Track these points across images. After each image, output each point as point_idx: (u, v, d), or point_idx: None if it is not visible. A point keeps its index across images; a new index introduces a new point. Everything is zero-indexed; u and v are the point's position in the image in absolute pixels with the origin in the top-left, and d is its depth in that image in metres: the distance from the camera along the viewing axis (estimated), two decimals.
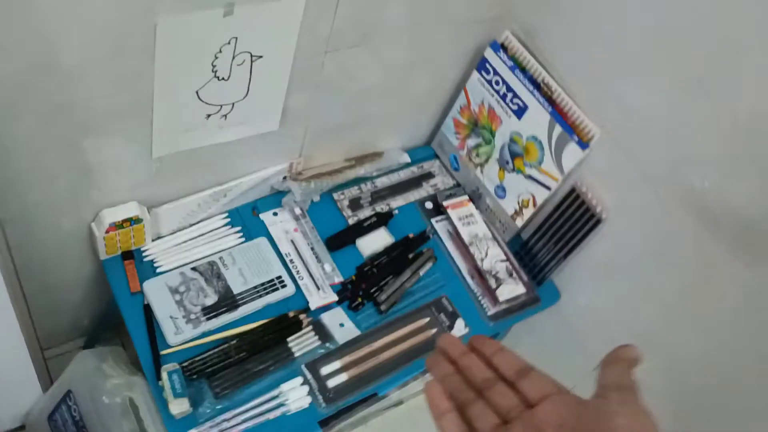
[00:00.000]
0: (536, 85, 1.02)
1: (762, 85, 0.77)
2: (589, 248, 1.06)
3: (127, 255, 0.98)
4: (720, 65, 0.80)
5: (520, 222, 1.12)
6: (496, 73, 1.06)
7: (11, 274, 0.83)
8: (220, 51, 0.78)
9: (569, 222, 1.05)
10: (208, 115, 0.86)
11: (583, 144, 0.98)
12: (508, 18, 1.04)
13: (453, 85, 1.14)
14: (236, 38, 0.78)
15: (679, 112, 0.86)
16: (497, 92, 1.07)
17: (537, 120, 1.02)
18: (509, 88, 1.04)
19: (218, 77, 0.81)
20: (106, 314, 1.09)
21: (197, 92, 0.82)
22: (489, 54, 1.05)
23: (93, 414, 0.91)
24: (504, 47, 1.05)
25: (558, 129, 1.00)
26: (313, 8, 0.80)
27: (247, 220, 1.07)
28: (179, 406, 0.82)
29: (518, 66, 1.03)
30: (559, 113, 1.00)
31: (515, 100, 1.04)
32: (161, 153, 0.87)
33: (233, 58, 0.80)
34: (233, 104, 0.87)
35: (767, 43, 0.75)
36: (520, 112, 1.05)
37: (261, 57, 0.82)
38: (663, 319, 0.99)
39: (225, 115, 0.88)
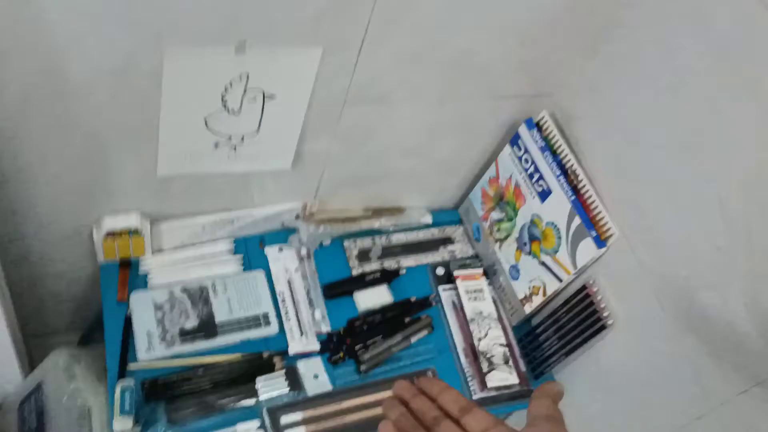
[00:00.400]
0: (564, 170, 0.97)
1: None
2: (594, 352, 0.98)
3: (125, 263, 0.99)
4: (747, 192, 0.73)
5: (528, 308, 1.06)
6: (527, 151, 1.01)
7: None
8: (231, 84, 0.79)
9: (576, 320, 0.98)
10: (216, 144, 0.87)
11: (601, 242, 0.92)
12: (548, 99, 1.00)
13: (486, 154, 1.11)
14: (248, 74, 0.78)
15: (697, 230, 0.79)
16: (525, 170, 1.02)
17: (559, 207, 0.97)
18: (537, 169, 1.00)
19: (228, 109, 0.82)
20: (101, 317, 1.11)
21: (205, 120, 0.83)
22: (523, 131, 1.02)
23: (53, 411, 0.92)
24: (539, 126, 1.01)
25: (577, 220, 0.94)
26: (331, 62, 0.80)
27: (251, 250, 1.07)
28: (122, 424, 0.82)
29: (549, 148, 0.99)
30: (581, 204, 0.95)
31: (541, 182, 1.00)
32: (166, 172, 0.89)
33: (244, 92, 0.80)
34: (243, 137, 0.88)
35: None
36: (544, 194, 1.00)
37: (274, 97, 0.83)
38: None
39: (234, 147, 0.89)
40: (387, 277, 1.09)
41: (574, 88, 0.96)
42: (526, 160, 1.02)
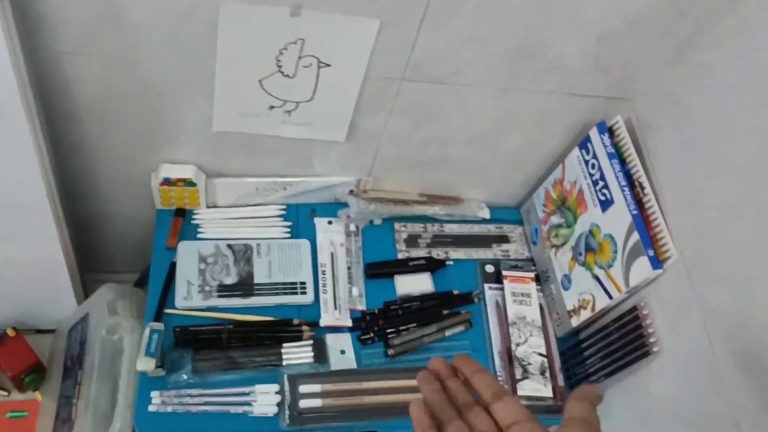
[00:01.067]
0: (630, 181, 0.90)
1: None
2: (636, 378, 0.92)
3: (180, 212, 1.03)
4: None
5: (575, 321, 1.00)
6: (595, 156, 0.95)
7: (56, 198, 0.90)
8: (286, 48, 0.79)
9: (621, 341, 0.92)
10: (271, 107, 0.88)
11: (657, 263, 0.85)
12: (626, 104, 0.93)
13: (553, 155, 1.05)
14: (303, 40, 0.78)
15: (762, 269, 0.71)
16: (590, 176, 0.96)
17: (618, 219, 0.90)
18: (602, 176, 0.94)
19: (283, 73, 0.82)
20: None
21: (260, 81, 0.83)
22: (593, 134, 0.95)
23: (92, 342, 0.97)
24: (611, 131, 0.94)
25: (635, 236, 0.87)
26: (390, 34, 0.78)
27: (301, 218, 1.07)
28: (145, 364, 0.85)
29: (619, 155, 0.92)
30: (643, 220, 0.88)
31: (604, 191, 0.93)
32: (221, 128, 0.91)
33: (299, 58, 0.80)
34: (297, 103, 0.88)
35: None
36: (605, 204, 0.93)
37: (329, 65, 0.82)
38: None
39: (289, 112, 0.89)
40: (432, 265, 1.06)
41: (653, 95, 0.89)
42: (593, 166, 0.96)
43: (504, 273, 1.07)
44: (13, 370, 1.04)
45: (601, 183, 0.94)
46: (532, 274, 1.08)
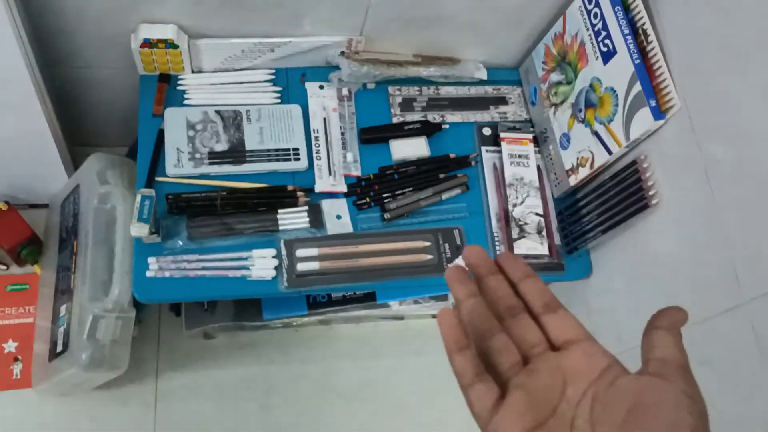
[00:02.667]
0: (633, 30, 0.86)
1: None
2: (633, 233, 0.92)
3: (164, 77, 0.99)
4: None
5: (573, 180, 0.99)
6: (597, 4, 0.90)
7: (33, 66, 0.86)
8: None
9: (619, 197, 0.91)
10: None
11: (659, 113, 0.82)
12: None
13: (553, 8, 1.00)
14: None
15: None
16: (593, 26, 0.91)
17: (621, 70, 0.87)
18: (605, 26, 0.89)
19: None
20: None
21: None
22: None
23: (85, 212, 0.96)
24: None
25: (637, 86, 0.84)
26: None
27: (291, 83, 1.03)
28: (138, 230, 0.84)
29: (622, 3, 0.87)
30: (645, 69, 0.84)
31: (606, 41, 0.89)
32: None
33: None
34: None
35: None
36: (607, 56, 0.89)
37: None
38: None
39: None
40: (428, 129, 1.03)
41: None
42: (595, 15, 0.91)
43: (501, 135, 1.05)
44: (9, 243, 1.04)
45: (603, 33, 0.90)
46: (530, 135, 1.06)
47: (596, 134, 0.93)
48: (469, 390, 0.35)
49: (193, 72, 1.00)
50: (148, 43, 0.92)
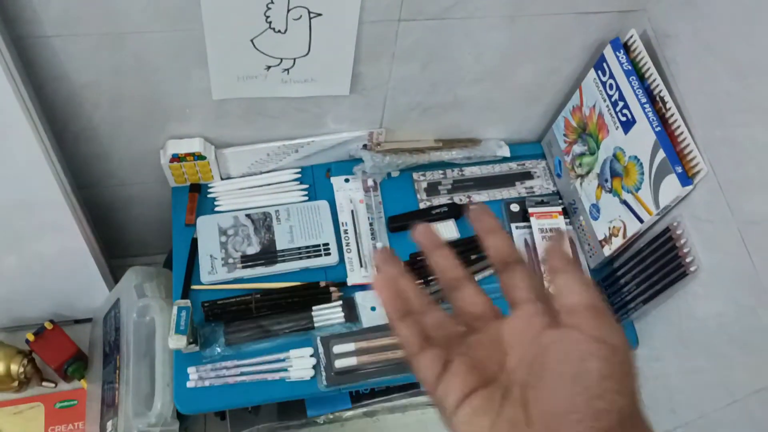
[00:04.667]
0: (651, 97, 0.86)
1: None
2: (677, 302, 0.88)
3: (195, 187, 1.02)
4: None
5: (607, 250, 0.97)
6: (611, 75, 0.90)
7: (67, 188, 0.90)
8: (272, 2, 0.75)
9: (656, 265, 0.88)
10: (268, 67, 0.85)
11: (687, 179, 0.81)
12: (640, 15, 0.88)
13: (569, 81, 1.01)
14: None
15: None
16: (609, 97, 0.92)
17: (643, 138, 0.86)
18: (621, 96, 0.89)
19: (274, 29, 0.79)
20: None
21: (252, 41, 0.81)
22: (608, 52, 0.90)
23: (126, 326, 0.97)
24: (626, 47, 0.89)
25: (661, 154, 0.83)
26: None
27: (318, 180, 1.06)
28: (176, 342, 0.85)
29: (636, 72, 0.87)
30: (667, 136, 0.83)
31: (625, 111, 0.89)
32: (221, 96, 0.88)
33: (288, 11, 0.77)
34: (294, 60, 0.85)
35: None
36: (627, 125, 0.89)
37: (320, 15, 0.79)
38: (730, 412, 0.80)
39: (287, 70, 0.86)
40: (455, 211, 1.04)
41: (667, 1, 0.83)
42: (611, 86, 0.91)
43: (530, 210, 1.04)
44: (56, 362, 1.06)
45: (620, 103, 0.90)
46: (559, 208, 1.05)
47: (625, 203, 0.92)
48: (414, 360, 0.35)
49: (222, 179, 1.03)
50: (176, 158, 0.96)
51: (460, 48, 0.89)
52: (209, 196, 1.02)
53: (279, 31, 0.80)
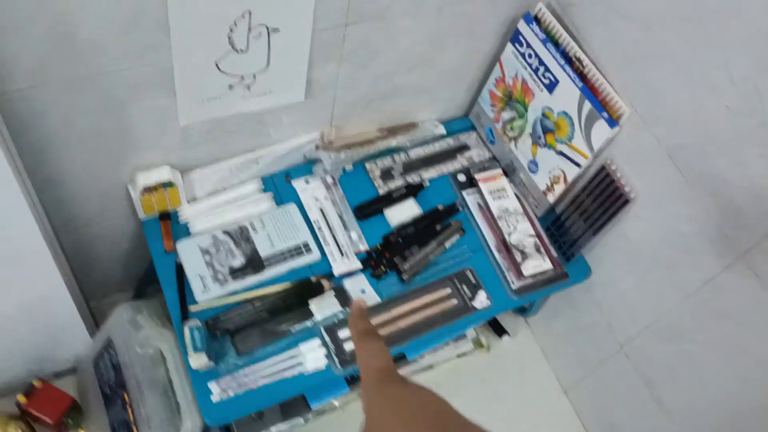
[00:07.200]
0: (568, 59, 0.99)
1: None
2: (620, 228, 1.03)
3: (164, 215, 1.04)
4: (752, 51, 0.75)
5: (551, 198, 1.11)
6: (529, 46, 1.03)
7: (49, 233, 0.90)
8: (235, 24, 0.81)
9: (599, 200, 1.03)
10: (231, 86, 0.90)
11: (613, 122, 0.95)
12: None
13: (489, 57, 1.13)
14: (249, 12, 0.80)
15: (707, 95, 0.82)
16: (530, 65, 1.05)
17: (567, 95, 1.00)
18: (541, 62, 1.02)
19: (236, 49, 0.85)
20: (151, 269, 1.17)
21: (216, 63, 0.85)
22: (522, 27, 1.03)
23: (128, 362, 0.99)
24: (537, 20, 1.02)
25: (588, 105, 0.97)
26: None
27: (280, 186, 1.11)
28: (197, 360, 0.89)
29: (551, 39, 1.01)
30: (589, 89, 0.97)
31: (547, 74, 1.02)
32: (188, 121, 0.92)
33: (249, 30, 0.83)
34: (255, 75, 0.90)
35: None
36: (551, 86, 1.02)
37: (278, 30, 0.85)
38: (686, 307, 0.96)
39: (248, 86, 0.92)
40: (412, 191, 1.13)
41: None
42: (530, 55, 1.04)
43: (476, 177, 1.15)
44: (55, 416, 1.05)
45: (541, 68, 1.03)
46: (499, 171, 1.17)
47: (562, 153, 1.05)
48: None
49: (188, 202, 1.06)
50: (147, 190, 0.98)
51: (396, 41, 0.99)
52: (181, 221, 1.05)
53: (241, 51, 0.85)
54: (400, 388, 0.41)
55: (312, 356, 0.97)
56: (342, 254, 1.06)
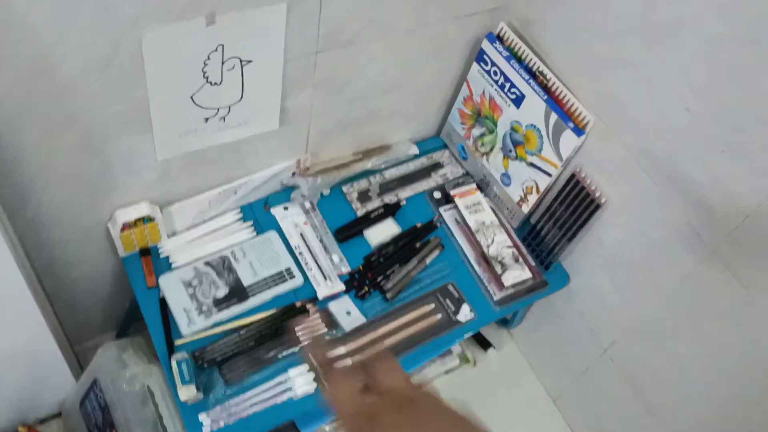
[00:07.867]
0: (532, 74, 1.03)
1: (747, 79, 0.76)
2: (594, 234, 1.06)
3: (145, 251, 1.04)
4: (709, 56, 0.79)
5: (526, 208, 1.13)
6: (493, 64, 1.07)
7: (32, 278, 0.90)
8: (209, 58, 0.83)
9: (571, 207, 1.05)
10: (206, 119, 0.91)
11: (579, 131, 0.98)
12: (505, 10, 1.05)
13: (456, 77, 1.16)
14: (222, 45, 0.82)
15: (668, 100, 0.86)
16: (496, 82, 1.08)
17: (534, 108, 1.03)
18: (507, 78, 1.05)
19: (210, 82, 0.86)
20: (133, 307, 1.17)
21: (192, 97, 0.87)
22: (486, 45, 1.07)
23: (116, 400, 0.98)
24: (500, 38, 1.06)
25: (554, 116, 1.00)
26: (297, 13, 0.84)
27: (258, 214, 1.12)
28: (187, 393, 0.88)
29: (514, 56, 1.04)
30: (554, 101, 1.01)
31: (513, 90, 1.05)
32: (165, 155, 0.93)
33: (222, 63, 0.85)
34: (229, 107, 0.92)
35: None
36: (518, 101, 1.05)
37: (250, 61, 0.87)
38: (665, 306, 0.98)
39: (223, 118, 0.93)
40: (390, 210, 1.15)
41: None
42: (495, 73, 1.07)
43: (452, 193, 1.18)
44: None
45: (507, 84, 1.06)
46: (473, 186, 1.20)
47: (532, 165, 1.08)
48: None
49: (169, 237, 1.06)
50: (127, 226, 0.98)
51: (368, 67, 1.01)
52: (162, 256, 1.05)
53: (215, 84, 0.87)
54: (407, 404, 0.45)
55: (301, 381, 0.97)
56: (325, 278, 1.07)
